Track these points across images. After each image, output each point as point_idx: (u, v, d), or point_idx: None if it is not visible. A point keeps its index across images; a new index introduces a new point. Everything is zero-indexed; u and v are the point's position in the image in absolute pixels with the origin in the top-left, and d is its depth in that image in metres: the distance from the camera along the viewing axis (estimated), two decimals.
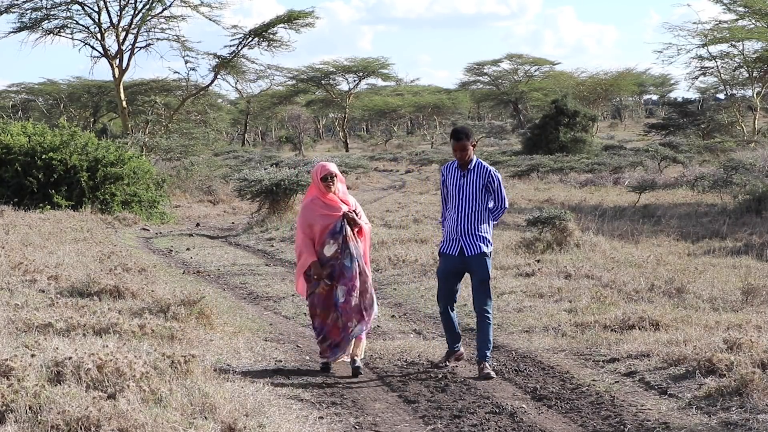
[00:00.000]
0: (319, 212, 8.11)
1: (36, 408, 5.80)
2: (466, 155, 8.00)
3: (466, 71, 77.88)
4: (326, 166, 8.21)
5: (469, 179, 8.02)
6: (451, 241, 8.04)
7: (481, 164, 8.07)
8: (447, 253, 8.08)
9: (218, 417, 5.98)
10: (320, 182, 8.17)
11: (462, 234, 8.00)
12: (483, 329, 7.99)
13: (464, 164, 8.05)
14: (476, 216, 8.01)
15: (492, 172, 8.07)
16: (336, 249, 8.04)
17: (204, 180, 32.58)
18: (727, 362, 7.34)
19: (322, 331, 8.08)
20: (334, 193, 8.16)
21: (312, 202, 8.17)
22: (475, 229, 8.01)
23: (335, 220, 8.08)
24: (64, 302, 9.73)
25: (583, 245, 15.12)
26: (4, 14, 37.79)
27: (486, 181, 8.01)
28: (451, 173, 8.10)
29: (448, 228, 8.08)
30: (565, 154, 40.77)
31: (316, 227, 8.09)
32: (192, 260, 16.39)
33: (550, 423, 6.68)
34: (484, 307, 8.00)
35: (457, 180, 8.05)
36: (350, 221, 8.12)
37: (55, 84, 62.65)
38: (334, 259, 8.05)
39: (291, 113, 72.91)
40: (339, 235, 8.05)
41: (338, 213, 8.11)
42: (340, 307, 8.00)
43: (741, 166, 24.16)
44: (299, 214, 8.34)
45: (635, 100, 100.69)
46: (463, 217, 8.00)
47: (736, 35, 46.52)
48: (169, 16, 39.70)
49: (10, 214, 19.85)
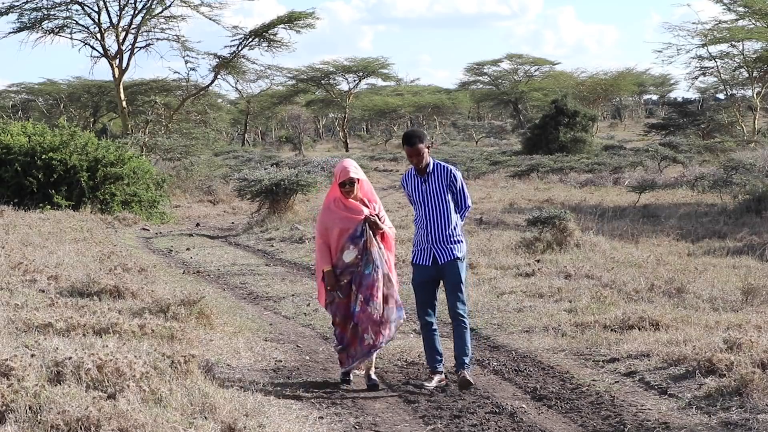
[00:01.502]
0: (339, 215, 7.60)
1: (36, 408, 5.80)
2: (422, 159, 7.60)
3: (466, 71, 77.89)
4: (347, 170, 7.61)
5: (431, 184, 7.63)
6: (423, 251, 7.63)
7: (440, 165, 7.69)
8: (420, 263, 7.65)
9: (218, 417, 5.98)
10: (339, 187, 7.65)
11: (433, 242, 7.60)
12: (460, 335, 7.60)
13: (422, 170, 7.64)
14: (445, 221, 7.60)
15: (453, 171, 7.69)
16: (356, 255, 7.54)
17: (204, 180, 32.59)
18: (727, 362, 7.34)
19: (343, 341, 7.65)
20: (356, 196, 7.64)
21: (333, 203, 7.67)
22: (446, 234, 7.60)
23: (356, 224, 7.57)
24: (64, 302, 9.72)
25: (583, 245, 15.13)
26: (4, 15, 37.75)
27: (449, 182, 7.63)
28: (412, 181, 7.70)
29: (418, 237, 7.69)
30: (565, 154, 40.77)
31: (335, 231, 7.59)
32: (192, 260, 16.39)
33: (550, 423, 6.68)
34: (458, 311, 7.58)
35: (419, 187, 7.66)
36: (372, 225, 7.61)
37: (55, 84, 62.62)
38: (353, 265, 7.56)
39: (291, 113, 72.91)
40: (359, 240, 7.54)
41: (359, 216, 7.58)
42: (357, 317, 7.56)
43: (741, 166, 24.17)
44: (318, 214, 7.85)
45: (635, 100, 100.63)
46: (432, 224, 7.59)
47: (736, 35, 46.50)
48: (169, 16, 39.68)
49: (10, 214, 19.85)
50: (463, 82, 79.42)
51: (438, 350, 7.69)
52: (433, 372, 7.68)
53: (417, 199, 7.66)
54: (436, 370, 7.67)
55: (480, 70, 77.27)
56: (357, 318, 7.56)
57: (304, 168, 28.60)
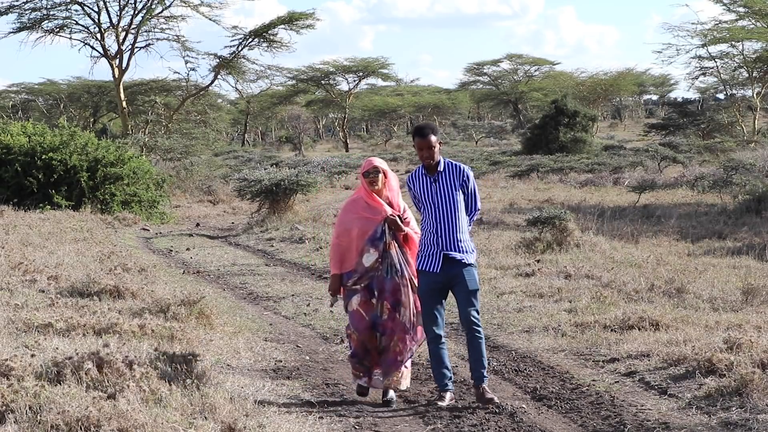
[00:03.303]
0: (359, 214, 7.10)
1: (36, 408, 5.80)
2: (434, 154, 6.98)
3: (466, 71, 77.91)
4: (372, 161, 7.17)
5: (442, 184, 7.04)
6: (431, 256, 7.00)
7: (452, 164, 7.11)
8: (427, 270, 7.00)
9: (218, 417, 5.98)
10: (363, 178, 7.14)
11: (444, 247, 6.97)
12: (476, 346, 7.02)
13: (432, 168, 7.04)
14: (457, 224, 7.01)
15: (466, 170, 7.09)
16: (376, 258, 7.03)
17: (204, 180, 32.61)
18: (727, 362, 7.34)
19: (356, 354, 7.15)
20: (379, 193, 7.11)
21: (355, 201, 7.21)
22: (457, 239, 7.00)
23: (376, 225, 7.07)
24: (64, 302, 9.73)
25: (583, 245, 15.13)
26: (4, 15, 37.77)
27: (461, 181, 7.05)
28: (419, 182, 7.08)
29: (425, 242, 7.05)
30: (565, 154, 40.78)
31: (353, 231, 7.08)
32: (192, 260, 16.39)
33: (550, 423, 6.68)
34: (474, 320, 6.98)
35: (428, 188, 7.05)
36: (392, 224, 7.07)
37: (55, 84, 62.64)
38: (373, 270, 7.05)
39: (291, 113, 72.91)
40: (380, 243, 7.04)
41: (380, 216, 7.08)
42: (383, 326, 7.03)
43: (741, 166, 24.19)
44: (339, 214, 7.36)
45: (635, 100, 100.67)
46: (443, 227, 6.98)
47: (736, 35, 46.51)
48: (169, 16, 39.73)
49: (10, 214, 19.86)
50: (463, 82, 79.45)
51: (447, 366, 7.11)
52: (444, 390, 7.09)
53: (426, 201, 7.06)
54: (446, 388, 7.09)
55: (480, 70, 77.29)
56: (383, 327, 7.04)
57: (304, 168, 28.61)
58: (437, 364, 7.08)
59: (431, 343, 7.08)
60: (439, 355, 7.06)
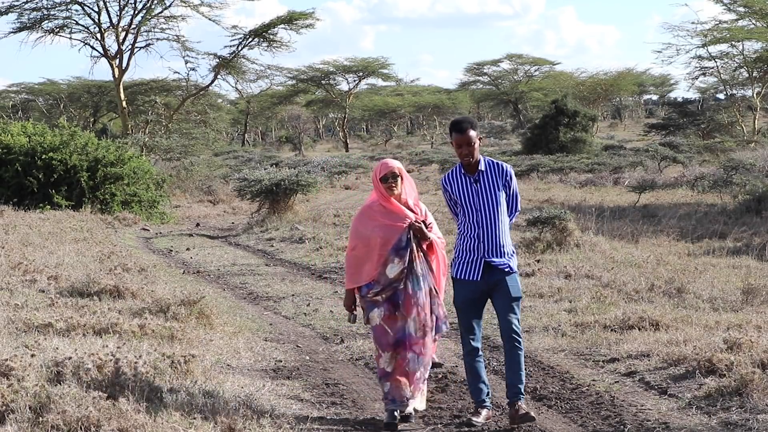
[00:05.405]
0: (379, 221, 6.52)
1: (36, 408, 5.80)
2: (474, 151, 6.41)
3: (466, 71, 77.90)
4: (388, 163, 6.58)
5: (484, 184, 6.46)
6: (470, 263, 6.45)
7: (494, 162, 6.53)
8: (466, 278, 6.46)
9: (218, 417, 5.98)
10: (380, 183, 6.56)
11: (487, 254, 6.43)
12: (515, 359, 6.46)
13: (472, 167, 6.47)
14: (500, 228, 6.45)
15: (509, 169, 6.53)
16: (402, 268, 6.47)
17: (204, 180, 32.61)
18: (727, 362, 7.34)
19: (384, 377, 6.60)
20: (397, 197, 6.56)
21: (370, 207, 6.61)
22: (500, 244, 6.46)
23: (400, 232, 6.50)
24: (64, 302, 9.73)
25: (583, 245, 15.12)
26: (4, 15, 37.76)
27: (504, 181, 6.49)
28: (458, 183, 6.52)
29: (463, 248, 6.49)
30: (565, 154, 40.77)
31: (375, 240, 6.48)
32: (192, 260, 16.39)
33: (550, 423, 6.67)
34: (516, 331, 6.47)
35: (467, 189, 6.48)
36: (417, 232, 6.54)
37: (55, 84, 62.65)
38: (397, 281, 6.49)
39: (291, 113, 72.98)
40: (405, 252, 6.48)
41: (403, 223, 6.51)
42: (412, 341, 6.52)
43: (741, 166, 24.20)
44: (353, 221, 6.74)
45: (635, 100, 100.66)
46: (485, 233, 6.42)
47: (736, 35, 46.51)
48: (169, 16, 39.73)
49: (10, 214, 19.86)
50: (463, 82, 79.44)
51: (485, 381, 6.61)
52: (481, 406, 6.59)
53: (465, 203, 6.47)
54: (483, 405, 6.59)
55: (480, 70, 77.28)
56: (412, 342, 6.51)
57: (304, 168, 28.63)
58: (474, 379, 6.59)
59: (467, 356, 6.59)
60: (475, 369, 6.58)
